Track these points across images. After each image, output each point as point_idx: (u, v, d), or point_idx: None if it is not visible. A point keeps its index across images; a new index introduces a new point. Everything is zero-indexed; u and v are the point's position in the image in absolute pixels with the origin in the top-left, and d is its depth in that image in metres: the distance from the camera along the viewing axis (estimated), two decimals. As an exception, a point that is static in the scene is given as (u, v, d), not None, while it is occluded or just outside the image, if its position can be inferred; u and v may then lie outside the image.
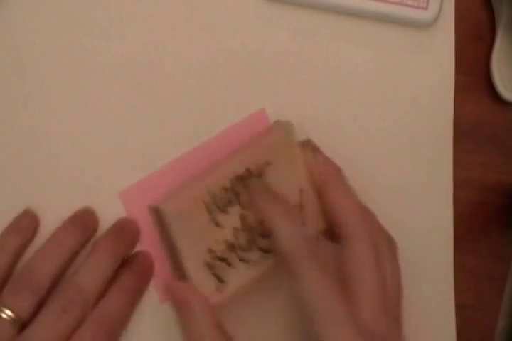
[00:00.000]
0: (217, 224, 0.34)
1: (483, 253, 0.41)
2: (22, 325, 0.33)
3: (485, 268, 0.41)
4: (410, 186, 0.41)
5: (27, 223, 0.37)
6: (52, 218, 0.37)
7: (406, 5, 0.39)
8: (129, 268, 0.36)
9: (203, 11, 0.40)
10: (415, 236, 0.40)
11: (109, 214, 0.38)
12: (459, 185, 0.41)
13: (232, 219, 0.35)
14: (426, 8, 0.39)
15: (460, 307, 0.40)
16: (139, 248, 0.38)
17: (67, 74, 0.39)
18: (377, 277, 0.33)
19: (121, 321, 0.35)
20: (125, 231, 0.37)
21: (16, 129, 0.39)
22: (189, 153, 0.39)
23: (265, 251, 0.35)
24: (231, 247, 0.34)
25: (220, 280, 0.34)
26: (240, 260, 0.35)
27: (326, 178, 0.35)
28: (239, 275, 0.35)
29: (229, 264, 0.34)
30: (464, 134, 0.41)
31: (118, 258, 0.35)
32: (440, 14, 0.39)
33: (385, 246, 0.35)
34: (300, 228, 0.33)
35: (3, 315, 0.32)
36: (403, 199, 0.40)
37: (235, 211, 0.35)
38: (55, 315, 0.33)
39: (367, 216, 0.35)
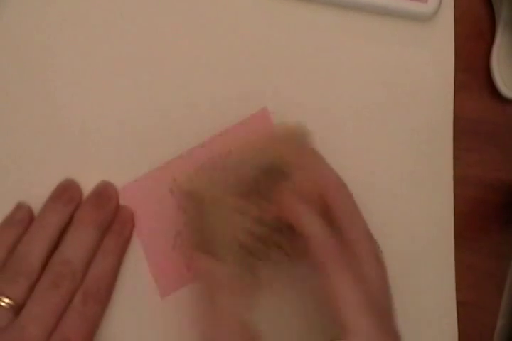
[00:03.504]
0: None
1: (482, 251, 0.41)
2: (19, 308, 0.33)
3: (484, 265, 0.41)
4: (410, 184, 0.40)
5: (21, 216, 0.37)
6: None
7: (406, -2, 0.39)
8: (109, 230, 0.37)
9: (202, 7, 0.40)
10: (415, 234, 0.40)
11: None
12: (458, 182, 0.41)
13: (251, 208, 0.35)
14: (426, 2, 0.39)
15: (460, 305, 0.40)
16: (137, 241, 0.38)
17: (68, 72, 0.40)
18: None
19: (108, 284, 0.36)
20: (104, 197, 0.38)
21: (16, 127, 0.39)
22: (190, 151, 0.39)
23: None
24: (258, 239, 0.35)
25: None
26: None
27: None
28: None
29: (259, 258, 0.36)
30: (464, 132, 0.41)
31: (101, 227, 0.36)
32: (440, 8, 0.39)
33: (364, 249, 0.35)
34: (328, 230, 0.34)
35: (2, 304, 0.33)
36: (403, 196, 0.40)
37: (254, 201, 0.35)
38: (47, 290, 0.34)
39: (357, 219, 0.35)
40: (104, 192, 0.38)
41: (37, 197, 0.38)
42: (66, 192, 0.38)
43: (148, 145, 0.39)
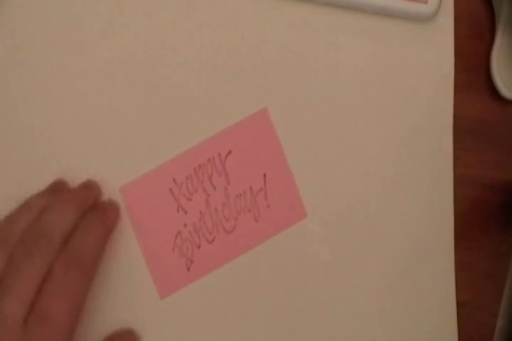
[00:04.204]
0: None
1: (482, 251, 0.41)
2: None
3: (484, 265, 0.41)
4: (410, 184, 0.40)
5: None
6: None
7: (406, -2, 0.39)
8: (94, 210, 0.36)
9: (202, 6, 0.40)
10: (415, 234, 0.40)
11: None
12: (457, 182, 0.41)
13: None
14: (426, 2, 0.39)
15: (459, 305, 0.40)
16: (137, 241, 0.39)
17: (67, 71, 0.39)
18: None
19: (92, 254, 0.34)
20: (85, 185, 0.38)
21: (15, 127, 0.39)
22: (189, 151, 0.39)
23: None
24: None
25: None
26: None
27: None
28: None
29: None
30: (463, 132, 0.41)
31: (81, 207, 0.35)
32: (440, 8, 0.39)
33: None
34: None
35: None
36: (403, 196, 0.40)
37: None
38: (21, 261, 0.32)
39: None
40: (86, 183, 0.38)
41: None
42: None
43: (147, 145, 0.39)
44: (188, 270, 0.37)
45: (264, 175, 0.38)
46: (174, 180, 0.38)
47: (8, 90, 0.39)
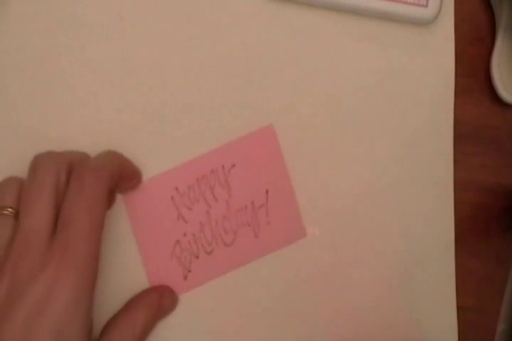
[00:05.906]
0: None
1: (483, 256, 0.41)
2: None
3: (485, 270, 0.41)
4: (410, 188, 0.40)
5: None
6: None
7: (406, 3, 0.38)
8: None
9: (203, 11, 0.40)
10: (416, 238, 0.40)
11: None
12: (458, 187, 0.40)
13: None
14: (426, 6, 0.38)
15: (460, 310, 0.40)
16: (136, 248, 0.38)
17: (67, 75, 0.39)
18: None
19: (104, 164, 0.34)
20: None
21: (16, 129, 0.39)
22: (192, 161, 0.39)
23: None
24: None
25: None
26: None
27: None
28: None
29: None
30: (464, 136, 0.41)
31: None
32: (440, 12, 0.39)
33: None
34: None
35: (5, 212, 0.32)
36: (404, 201, 0.40)
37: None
38: (30, 180, 0.32)
39: None
40: None
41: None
42: None
43: (151, 152, 0.39)
44: (185, 279, 0.37)
45: (267, 191, 0.38)
46: (176, 188, 0.38)
47: (9, 92, 0.39)
